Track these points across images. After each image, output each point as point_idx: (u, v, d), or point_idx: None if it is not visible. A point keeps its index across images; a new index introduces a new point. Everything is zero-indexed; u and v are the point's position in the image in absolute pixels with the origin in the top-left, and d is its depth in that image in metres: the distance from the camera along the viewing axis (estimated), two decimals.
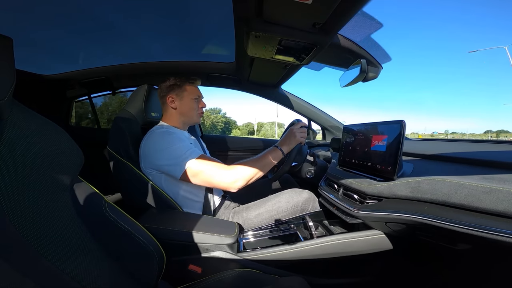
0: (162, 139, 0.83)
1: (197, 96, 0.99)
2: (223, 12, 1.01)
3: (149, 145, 0.83)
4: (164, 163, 0.81)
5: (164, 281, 0.69)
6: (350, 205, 0.77)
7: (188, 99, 0.97)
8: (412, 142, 1.18)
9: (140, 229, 0.56)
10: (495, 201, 0.43)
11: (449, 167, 0.60)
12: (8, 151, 0.36)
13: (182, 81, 0.97)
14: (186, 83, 0.97)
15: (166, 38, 1.36)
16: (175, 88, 0.96)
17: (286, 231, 1.01)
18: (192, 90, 0.98)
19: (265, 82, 1.49)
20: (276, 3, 0.62)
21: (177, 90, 0.96)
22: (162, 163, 0.81)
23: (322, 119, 1.72)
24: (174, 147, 0.81)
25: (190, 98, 0.97)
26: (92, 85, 1.57)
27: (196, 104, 0.98)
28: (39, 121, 0.44)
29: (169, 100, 0.96)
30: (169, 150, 0.80)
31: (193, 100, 0.97)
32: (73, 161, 0.48)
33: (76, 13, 1.02)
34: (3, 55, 0.35)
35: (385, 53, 1.08)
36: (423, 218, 0.52)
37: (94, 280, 0.42)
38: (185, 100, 0.96)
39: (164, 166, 0.81)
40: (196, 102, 0.98)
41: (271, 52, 0.92)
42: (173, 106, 0.96)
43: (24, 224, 0.36)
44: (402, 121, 0.67)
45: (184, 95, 0.96)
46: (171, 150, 0.80)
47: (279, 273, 0.77)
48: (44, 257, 0.37)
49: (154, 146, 0.82)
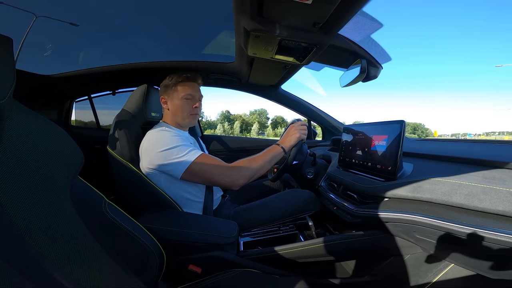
0: (163, 139, 0.82)
1: (189, 96, 0.94)
2: (223, 12, 1.01)
3: (149, 145, 0.83)
4: (164, 163, 0.80)
5: (164, 281, 0.69)
6: (350, 205, 0.78)
7: (178, 100, 0.93)
8: (412, 142, 1.18)
9: (140, 229, 0.56)
10: (495, 201, 0.43)
11: (449, 167, 0.60)
12: (8, 151, 0.36)
13: (175, 80, 0.94)
14: (178, 83, 0.94)
15: (166, 38, 1.36)
16: (166, 89, 0.95)
17: (286, 231, 1.01)
18: (183, 90, 0.93)
19: (265, 82, 1.49)
20: (276, 3, 0.62)
21: (168, 91, 0.94)
22: (162, 163, 0.80)
23: (322, 119, 1.72)
24: (174, 147, 0.81)
25: (180, 98, 0.93)
26: (92, 85, 1.57)
27: (187, 104, 0.94)
28: (39, 121, 0.44)
29: (162, 101, 0.96)
30: (169, 150, 0.80)
31: (184, 100, 0.93)
32: (73, 161, 0.48)
33: (76, 13, 1.02)
34: (3, 55, 0.35)
35: (385, 53, 1.08)
36: (423, 218, 0.52)
37: (94, 280, 0.43)
38: (175, 100, 0.94)
39: (165, 166, 0.81)
40: (187, 102, 0.94)
41: (271, 52, 0.92)
42: (165, 107, 0.96)
43: (24, 224, 0.36)
44: (402, 121, 0.67)
45: (174, 95, 0.94)
46: (171, 150, 0.80)
47: (279, 273, 0.77)
48: (44, 257, 0.37)
49: (154, 146, 0.82)
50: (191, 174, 0.80)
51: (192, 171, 0.80)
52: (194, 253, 0.76)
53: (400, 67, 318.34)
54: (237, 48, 1.06)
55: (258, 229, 1.01)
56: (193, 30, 1.24)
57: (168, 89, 0.95)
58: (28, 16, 1.04)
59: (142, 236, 0.55)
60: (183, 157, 0.80)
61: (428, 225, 0.52)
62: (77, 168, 0.49)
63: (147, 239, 0.56)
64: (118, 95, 1.61)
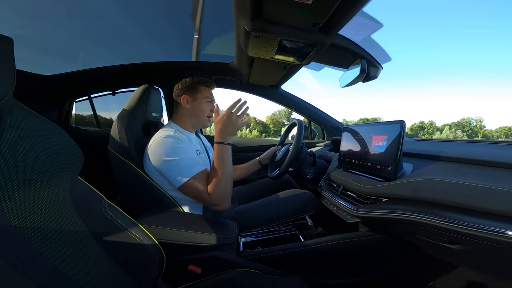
0: (170, 149, 0.83)
1: (210, 99, 0.99)
2: (223, 12, 1.01)
3: (155, 150, 0.84)
4: (166, 171, 0.83)
5: (164, 281, 0.69)
6: (350, 205, 0.77)
7: (201, 101, 0.97)
8: (412, 142, 1.18)
9: (140, 229, 0.56)
10: (495, 201, 0.43)
11: (449, 167, 0.60)
12: (8, 151, 0.37)
13: (199, 82, 0.97)
14: (202, 85, 0.98)
15: (166, 38, 1.37)
16: (190, 89, 0.97)
17: (286, 232, 1.01)
18: (206, 92, 0.98)
19: (265, 82, 1.49)
20: (276, 3, 0.62)
21: (192, 91, 0.97)
22: (164, 170, 0.83)
23: (322, 119, 1.72)
24: (178, 160, 0.82)
25: (203, 100, 0.97)
26: (92, 85, 1.57)
27: (207, 106, 0.99)
28: (39, 121, 0.44)
29: (183, 100, 0.96)
30: (173, 162, 0.82)
31: (206, 103, 0.98)
32: (73, 161, 0.48)
33: (76, 13, 1.02)
34: (3, 55, 0.35)
35: (385, 53, 1.08)
36: (423, 218, 0.52)
37: (93, 280, 0.43)
38: (198, 101, 0.97)
39: (166, 174, 0.83)
40: (208, 105, 0.99)
41: (271, 52, 0.92)
42: (186, 106, 0.97)
43: (24, 224, 0.36)
44: (402, 121, 0.67)
45: (198, 96, 0.97)
46: (175, 162, 0.82)
47: (279, 273, 0.77)
48: (44, 257, 0.37)
49: (160, 153, 0.83)
50: (185, 192, 0.84)
51: (186, 190, 0.83)
52: (194, 253, 0.76)
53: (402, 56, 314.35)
54: (237, 48, 1.06)
55: (258, 229, 1.01)
56: (193, 30, 1.24)
57: (192, 89, 0.96)
58: (28, 16, 1.04)
59: (142, 236, 0.55)
60: (183, 173, 0.81)
61: (428, 225, 0.52)
62: (77, 168, 0.49)
63: (147, 239, 0.56)
64: (118, 95, 1.61)
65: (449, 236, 0.51)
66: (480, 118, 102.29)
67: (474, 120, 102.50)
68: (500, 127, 62.25)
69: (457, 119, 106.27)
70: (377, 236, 0.78)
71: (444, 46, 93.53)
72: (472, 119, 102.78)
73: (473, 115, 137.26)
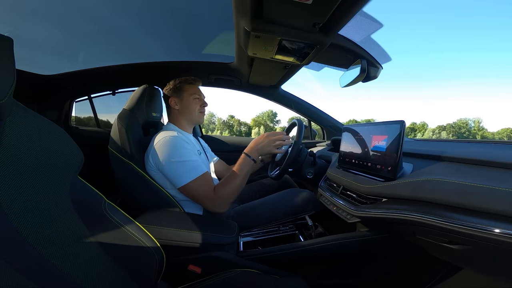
0: (177, 149, 0.84)
1: (197, 96, 1.01)
2: (223, 13, 1.01)
3: (161, 150, 0.84)
4: (170, 171, 0.83)
5: (164, 281, 0.69)
6: (350, 205, 0.77)
7: (188, 99, 1.00)
8: (412, 142, 1.18)
9: (140, 229, 0.56)
10: (495, 201, 0.43)
11: (449, 167, 0.60)
12: (8, 151, 0.37)
13: (181, 82, 1.01)
14: (185, 84, 1.01)
15: (166, 38, 1.37)
16: (175, 90, 1.00)
17: (286, 231, 1.01)
18: (191, 90, 1.01)
19: (265, 82, 1.49)
20: (276, 3, 0.62)
21: (177, 92, 1.00)
22: (168, 171, 0.83)
23: (322, 119, 1.72)
24: (184, 162, 0.83)
25: (189, 97, 1.00)
26: (92, 85, 1.57)
27: (196, 103, 1.01)
28: (39, 121, 0.44)
29: (172, 102, 1.00)
30: (179, 163, 0.83)
31: (193, 100, 1.00)
32: (73, 161, 0.48)
33: (76, 13, 1.02)
34: (3, 55, 0.35)
35: (385, 53, 1.08)
36: (423, 218, 0.52)
37: (93, 280, 0.43)
38: (185, 100, 1.00)
39: (169, 174, 0.84)
40: (196, 101, 1.01)
41: (271, 52, 0.92)
42: (176, 108, 1.00)
43: (24, 224, 0.36)
44: (402, 121, 0.67)
45: (184, 95, 1.00)
46: (180, 163, 0.83)
47: (279, 273, 0.77)
48: (44, 257, 0.37)
49: (166, 153, 0.83)
50: (186, 194, 0.85)
51: (187, 192, 0.84)
52: (194, 253, 0.76)
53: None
54: (237, 48, 1.06)
55: (258, 229, 1.01)
56: (193, 30, 1.24)
57: (176, 90, 1.00)
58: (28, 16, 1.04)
59: (142, 236, 0.55)
60: (185, 175, 0.82)
61: (428, 225, 0.52)
62: (77, 168, 0.49)
63: (147, 239, 0.56)
64: (118, 95, 1.61)
65: (449, 236, 0.51)
66: (478, 119, 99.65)
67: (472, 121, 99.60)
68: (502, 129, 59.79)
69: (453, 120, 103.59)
70: (377, 236, 0.78)
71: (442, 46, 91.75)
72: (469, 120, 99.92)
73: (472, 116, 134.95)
